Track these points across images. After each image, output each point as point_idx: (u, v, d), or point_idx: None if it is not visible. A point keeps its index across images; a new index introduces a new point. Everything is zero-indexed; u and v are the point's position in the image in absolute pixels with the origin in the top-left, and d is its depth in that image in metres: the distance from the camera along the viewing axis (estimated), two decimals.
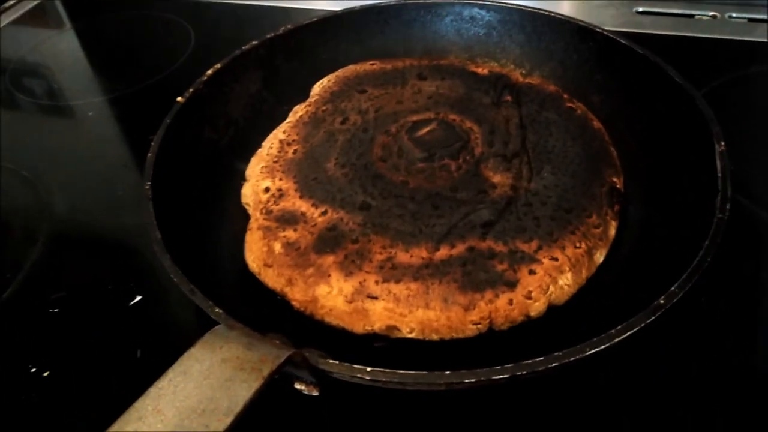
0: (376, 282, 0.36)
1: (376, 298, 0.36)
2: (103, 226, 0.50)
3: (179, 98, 0.47)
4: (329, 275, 0.37)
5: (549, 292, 0.36)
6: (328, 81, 0.54)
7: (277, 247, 0.40)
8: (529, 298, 0.36)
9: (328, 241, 0.40)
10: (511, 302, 0.36)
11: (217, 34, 0.71)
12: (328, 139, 0.47)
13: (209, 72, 0.50)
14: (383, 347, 0.36)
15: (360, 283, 0.37)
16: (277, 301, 0.38)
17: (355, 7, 0.58)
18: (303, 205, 0.42)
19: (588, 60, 0.52)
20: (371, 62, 0.56)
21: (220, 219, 0.44)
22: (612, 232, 0.40)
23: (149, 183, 0.40)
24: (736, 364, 0.38)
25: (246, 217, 0.44)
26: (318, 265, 0.38)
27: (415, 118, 0.48)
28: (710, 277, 0.33)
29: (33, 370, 0.39)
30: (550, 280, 0.36)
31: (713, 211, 0.35)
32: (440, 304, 0.35)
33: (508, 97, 0.50)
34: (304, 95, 0.54)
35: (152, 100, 0.62)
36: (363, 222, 0.40)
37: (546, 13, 0.54)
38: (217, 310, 0.31)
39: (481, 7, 0.56)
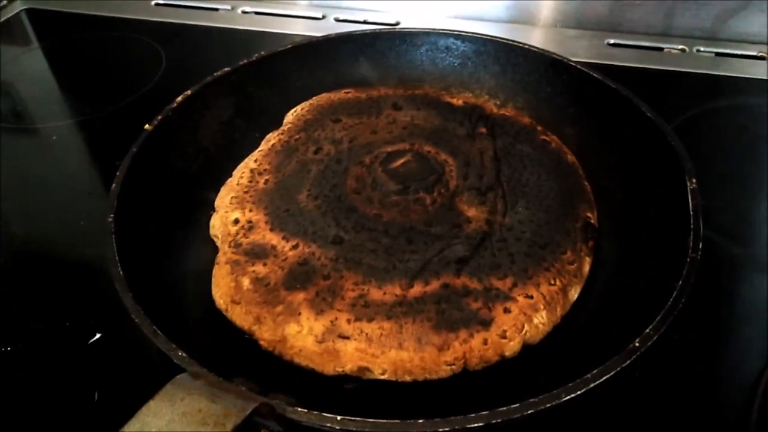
0: (348, 321, 0.35)
1: (347, 338, 0.35)
2: (64, 257, 0.48)
3: (147, 126, 0.46)
4: (299, 313, 0.36)
5: (524, 331, 0.36)
6: (302, 109, 0.53)
7: (246, 282, 0.39)
8: (504, 337, 0.35)
9: (299, 276, 0.38)
10: (485, 342, 0.35)
11: (188, 57, 0.70)
12: (301, 169, 0.47)
13: (179, 99, 0.48)
14: (354, 389, 0.35)
15: (331, 321, 0.36)
16: (244, 340, 0.37)
17: (330, 35, 0.57)
18: (273, 238, 0.41)
19: (562, 92, 0.53)
20: (346, 90, 0.55)
21: (188, 252, 0.43)
22: (586, 268, 0.40)
23: (112, 215, 0.38)
24: (708, 399, 0.38)
25: (215, 250, 0.43)
26: (288, 303, 0.37)
27: (389, 149, 0.47)
28: (683, 314, 0.32)
29: None
30: (525, 318, 0.36)
31: (686, 249, 0.35)
32: (414, 344, 0.34)
33: (483, 129, 0.50)
34: (277, 123, 0.53)
35: (121, 125, 0.60)
36: (335, 257, 0.39)
37: (520, 45, 0.54)
38: (181, 354, 0.29)
39: (457, 37, 0.57)
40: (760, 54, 0.64)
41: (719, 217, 0.47)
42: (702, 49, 0.66)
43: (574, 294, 0.38)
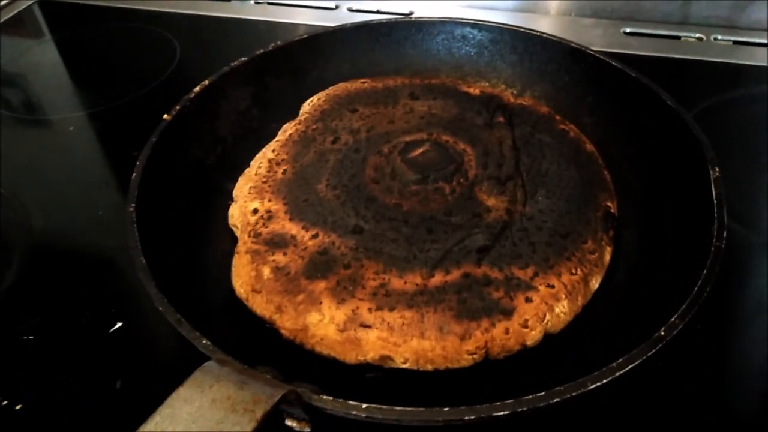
0: (370, 310, 0.35)
1: (369, 326, 0.35)
2: (83, 248, 0.48)
3: (166, 116, 0.46)
4: (320, 302, 0.36)
5: (545, 321, 0.35)
6: (318, 99, 0.53)
7: (266, 271, 0.39)
8: (526, 326, 0.35)
9: (320, 265, 0.38)
10: (507, 331, 0.35)
11: (202, 48, 0.70)
12: (319, 159, 0.46)
13: (197, 89, 0.48)
14: (376, 377, 0.35)
15: (353, 310, 0.36)
16: (265, 329, 0.37)
17: (346, 24, 0.57)
18: (293, 228, 0.41)
19: (580, 81, 0.52)
20: (362, 80, 0.55)
21: (207, 241, 0.43)
22: (607, 257, 0.40)
23: (133, 205, 0.38)
24: (729, 388, 0.37)
25: (234, 239, 0.43)
26: (309, 292, 0.37)
27: (407, 138, 0.47)
28: (706, 303, 0.32)
29: (4, 403, 0.37)
30: (546, 308, 0.36)
31: (709, 238, 0.34)
32: (435, 333, 0.34)
33: (501, 118, 0.49)
34: (293, 113, 0.53)
35: (136, 116, 0.60)
36: (355, 246, 0.39)
37: (538, 34, 0.54)
38: (205, 342, 0.30)
39: (473, 26, 0.56)
40: None
41: (739, 206, 0.47)
42: (720, 37, 0.65)
43: (595, 283, 0.38)
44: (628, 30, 0.68)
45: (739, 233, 0.46)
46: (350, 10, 0.76)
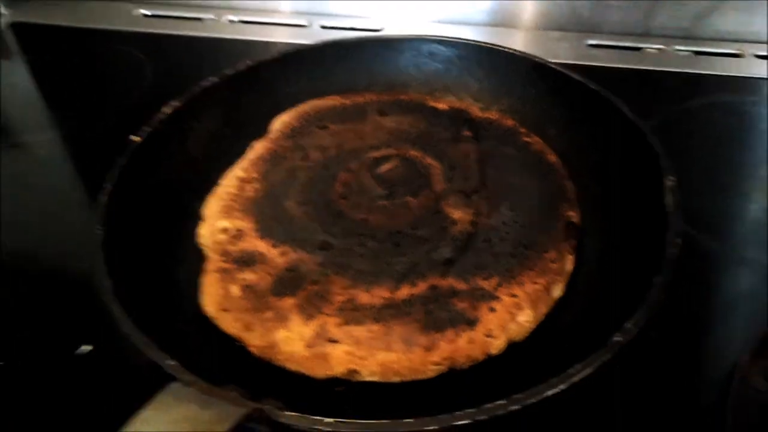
0: (337, 325, 0.36)
1: (336, 341, 0.36)
2: (53, 270, 0.48)
3: (134, 137, 0.46)
4: (289, 319, 0.37)
5: (509, 330, 0.36)
6: (288, 116, 0.54)
7: (235, 290, 0.39)
8: (490, 336, 0.36)
9: (288, 282, 0.39)
10: (472, 341, 0.35)
11: (174, 67, 0.70)
12: (289, 176, 0.47)
13: (167, 110, 0.49)
14: (344, 391, 0.35)
15: (320, 326, 0.36)
16: (235, 347, 0.37)
17: (316, 43, 0.58)
18: (262, 246, 0.42)
19: (544, 95, 0.53)
20: (332, 97, 0.56)
21: (177, 261, 0.43)
22: (569, 266, 0.41)
23: (101, 227, 0.39)
24: (686, 392, 0.39)
25: (203, 259, 0.43)
26: (277, 309, 0.37)
27: (376, 154, 0.48)
28: (667, 307, 0.33)
29: None
30: (509, 317, 0.37)
31: (665, 246, 0.36)
32: (401, 345, 0.35)
33: (468, 132, 0.50)
34: (263, 131, 0.53)
35: (108, 137, 0.60)
36: (323, 262, 0.40)
37: (502, 49, 0.55)
38: (172, 363, 0.30)
39: (440, 43, 0.57)
40: (737, 52, 0.65)
41: (698, 213, 0.48)
42: (680, 48, 0.67)
43: (557, 292, 0.39)
44: (592, 42, 0.70)
45: (698, 239, 0.47)
46: (322, 27, 0.77)
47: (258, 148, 0.51)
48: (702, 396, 0.38)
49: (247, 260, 0.41)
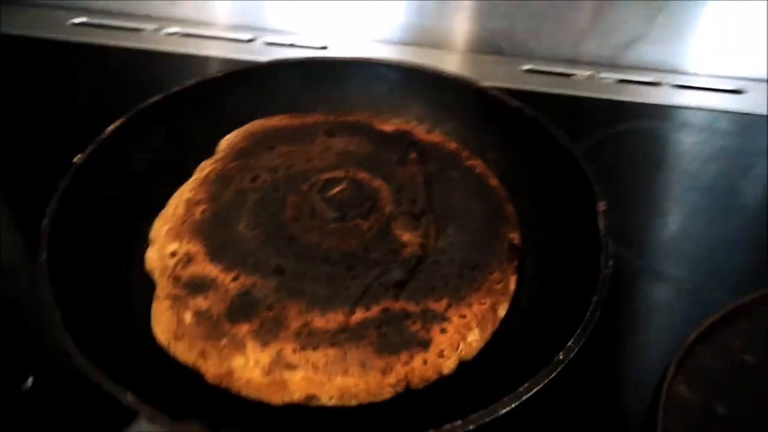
0: (294, 350, 0.37)
1: (294, 367, 0.36)
2: None
3: (76, 158, 0.45)
4: (245, 345, 0.37)
5: (459, 349, 0.38)
6: (236, 136, 0.54)
7: (188, 317, 0.39)
8: (442, 356, 0.38)
9: (242, 308, 0.39)
10: (425, 362, 0.37)
11: (113, 82, 0.68)
12: (238, 198, 0.47)
13: (110, 128, 0.48)
14: (303, 416, 0.36)
15: (277, 352, 0.37)
16: (190, 375, 0.37)
17: (264, 62, 0.58)
18: (213, 270, 0.42)
19: (484, 119, 0.56)
20: (279, 117, 0.56)
21: (126, 288, 0.42)
22: (512, 286, 0.43)
23: (45, 254, 0.37)
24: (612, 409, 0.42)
25: (153, 284, 0.43)
26: (232, 335, 0.37)
27: (325, 176, 0.49)
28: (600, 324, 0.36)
29: None
30: (459, 337, 0.38)
31: (598, 267, 0.39)
32: (358, 369, 0.36)
33: (413, 155, 0.52)
34: (210, 151, 0.53)
35: (44, 157, 0.57)
36: (277, 287, 0.40)
37: (446, 74, 0.57)
38: (130, 396, 0.30)
39: (386, 66, 0.59)
40: (656, 81, 0.71)
41: (626, 234, 0.52)
42: (606, 75, 0.72)
43: (502, 311, 0.42)
44: (526, 67, 0.74)
45: (626, 258, 0.51)
46: (266, 43, 0.77)
47: (206, 169, 0.51)
48: (630, 406, 0.41)
49: (198, 285, 0.41)
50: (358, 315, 0.39)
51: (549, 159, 0.50)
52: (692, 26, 0.70)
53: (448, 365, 0.38)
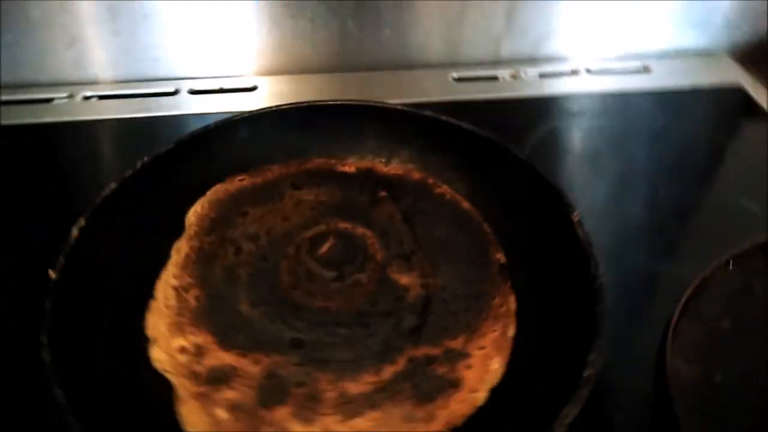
0: (339, 422, 0.38)
1: None
2: None
3: (51, 273, 0.42)
4: (290, 429, 0.37)
5: (487, 380, 0.41)
6: (202, 208, 0.53)
7: (221, 413, 0.39)
8: (475, 391, 0.40)
9: (272, 391, 0.39)
10: (461, 401, 0.39)
11: (31, 164, 0.63)
12: (228, 276, 0.47)
13: (74, 233, 0.45)
14: None
15: (323, 428, 0.37)
16: None
17: (209, 125, 0.56)
18: (230, 358, 0.41)
19: (434, 142, 0.58)
20: (239, 178, 0.56)
21: (139, 390, 0.41)
22: (513, 306, 0.46)
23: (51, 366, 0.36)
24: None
25: (163, 381, 0.42)
26: (273, 422, 0.38)
27: (308, 234, 0.49)
28: None
29: None
30: (485, 368, 0.41)
31: (590, 275, 0.42)
32: (405, 425, 0.38)
33: (383, 193, 0.54)
34: (180, 226, 0.52)
35: None
36: (300, 361, 0.41)
37: (391, 107, 0.59)
38: None
39: (327, 107, 0.59)
40: (574, 69, 0.77)
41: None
42: (528, 71, 0.77)
43: (512, 331, 0.44)
44: (455, 75, 0.77)
45: None
46: (191, 92, 0.75)
47: (182, 249, 0.49)
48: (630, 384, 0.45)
49: (220, 377, 0.40)
50: (387, 371, 0.40)
51: (511, 175, 0.53)
52: (596, 16, 0.76)
53: (481, 397, 0.40)
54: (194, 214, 0.53)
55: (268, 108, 0.59)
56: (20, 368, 0.43)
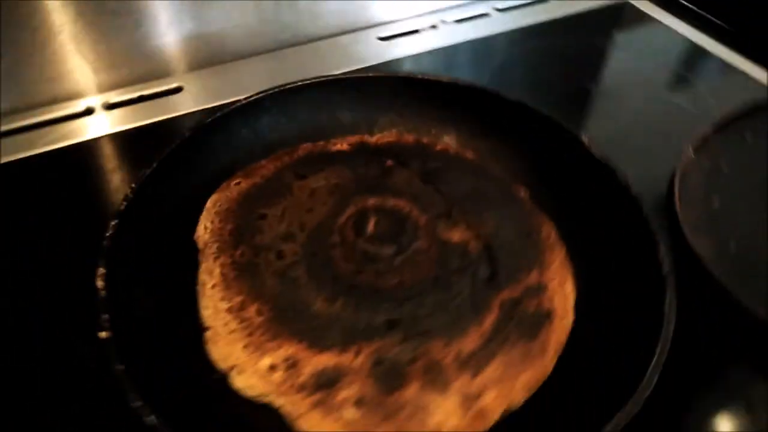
0: (471, 379, 0.38)
1: (481, 394, 0.38)
2: None
3: (102, 334, 0.37)
4: (427, 404, 0.37)
5: (569, 305, 0.44)
6: (212, 223, 0.48)
7: (349, 413, 0.37)
8: (564, 317, 0.43)
9: (389, 375, 0.39)
10: (559, 329, 0.42)
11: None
12: (283, 281, 0.44)
13: (100, 284, 0.39)
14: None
15: (458, 390, 0.38)
16: None
17: (182, 140, 0.50)
18: (329, 359, 0.40)
19: (413, 102, 0.58)
20: (234, 182, 0.52)
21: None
22: (555, 231, 0.49)
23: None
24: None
25: (257, 407, 0.39)
26: (408, 402, 0.37)
27: (345, 218, 0.48)
28: None
29: None
30: (563, 295, 0.44)
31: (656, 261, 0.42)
32: (528, 362, 0.40)
33: (389, 162, 0.54)
34: (192, 249, 0.47)
35: None
36: (403, 338, 0.40)
37: (358, 77, 0.58)
38: None
39: (292, 91, 0.56)
40: (484, 13, 0.80)
41: None
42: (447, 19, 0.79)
43: (564, 256, 0.48)
44: (381, 35, 0.77)
45: None
46: (107, 106, 0.66)
47: (213, 270, 0.45)
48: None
49: (330, 380, 0.39)
50: (487, 321, 0.41)
51: (503, 119, 0.55)
52: None
53: (570, 320, 0.43)
54: (204, 230, 0.48)
55: (237, 103, 0.54)
56: None
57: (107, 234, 0.42)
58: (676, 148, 0.54)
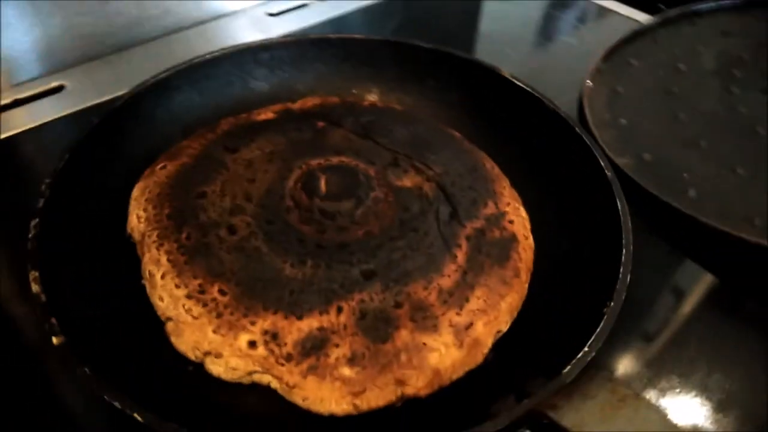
0: (458, 313, 0.38)
1: (471, 323, 0.38)
2: None
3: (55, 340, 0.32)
4: (422, 345, 0.37)
5: (527, 226, 0.45)
6: (144, 211, 0.44)
7: (346, 371, 0.36)
8: (526, 237, 0.44)
9: (376, 326, 0.37)
10: (526, 250, 0.43)
11: None
12: (242, 255, 0.41)
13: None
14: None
15: (450, 326, 0.38)
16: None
17: (90, 130, 0.45)
18: (311, 323, 0.37)
19: (327, 64, 0.58)
20: (159, 166, 0.47)
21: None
22: (493, 163, 0.50)
23: None
24: None
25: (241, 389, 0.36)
26: (403, 348, 0.36)
27: (293, 181, 0.45)
28: None
29: None
30: (520, 218, 0.45)
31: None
32: (506, 286, 0.40)
33: (321, 123, 0.52)
34: (128, 244, 0.43)
35: None
36: (383, 288, 0.39)
37: (266, 43, 0.56)
38: None
39: (205, 63, 0.53)
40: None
41: None
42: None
43: (508, 183, 0.49)
44: (270, 11, 0.74)
45: None
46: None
47: (160, 259, 0.41)
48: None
49: (316, 345, 0.37)
50: (460, 255, 0.41)
51: (417, 68, 0.56)
52: None
53: (531, 243, 0.44)
54: (139, 221, 0.44)
55: (144, 84, 0.50)
56: None
57: (30, 235, 0.37)
58: (576, 82, 0.58)
